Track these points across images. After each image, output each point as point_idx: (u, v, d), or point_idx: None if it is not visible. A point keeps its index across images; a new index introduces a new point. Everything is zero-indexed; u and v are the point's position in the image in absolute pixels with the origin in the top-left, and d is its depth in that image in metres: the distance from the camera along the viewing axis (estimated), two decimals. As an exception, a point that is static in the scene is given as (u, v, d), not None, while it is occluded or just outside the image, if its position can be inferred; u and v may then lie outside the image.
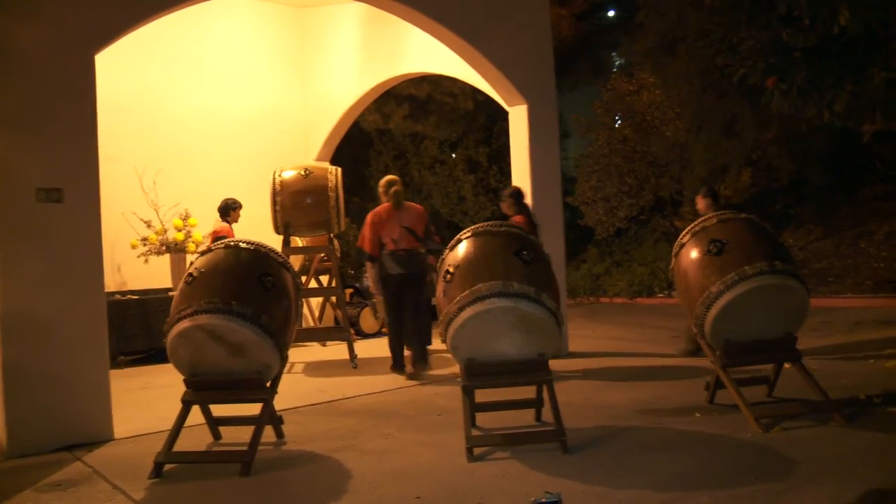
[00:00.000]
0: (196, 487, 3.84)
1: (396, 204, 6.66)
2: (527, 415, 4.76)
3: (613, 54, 18.97)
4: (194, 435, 4.58)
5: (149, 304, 7.90)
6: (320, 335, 8.74)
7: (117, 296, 7.89)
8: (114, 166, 7.30)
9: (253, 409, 4.38)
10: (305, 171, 7.40)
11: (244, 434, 4.28)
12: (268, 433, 4.46)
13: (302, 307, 7.01)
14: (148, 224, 8.33)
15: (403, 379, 6.48)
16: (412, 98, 13.36)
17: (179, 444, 4.12)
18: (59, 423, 4.61)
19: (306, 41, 10.06)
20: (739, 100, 11.09)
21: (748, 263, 4.43)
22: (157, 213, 8.44)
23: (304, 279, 8.68)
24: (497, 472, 3.82)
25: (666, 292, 12.33)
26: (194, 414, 4.36)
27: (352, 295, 9.91)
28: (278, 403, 4.63)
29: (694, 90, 12.16)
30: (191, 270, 4.30)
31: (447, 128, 14.88)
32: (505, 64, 7.18)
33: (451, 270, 4.27)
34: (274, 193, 7.27)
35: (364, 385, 6.27)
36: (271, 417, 4.47)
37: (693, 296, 4.66)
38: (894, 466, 3.60)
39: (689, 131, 12.80)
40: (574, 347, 7.66)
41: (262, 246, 4.47)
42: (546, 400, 4.32)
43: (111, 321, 5.07)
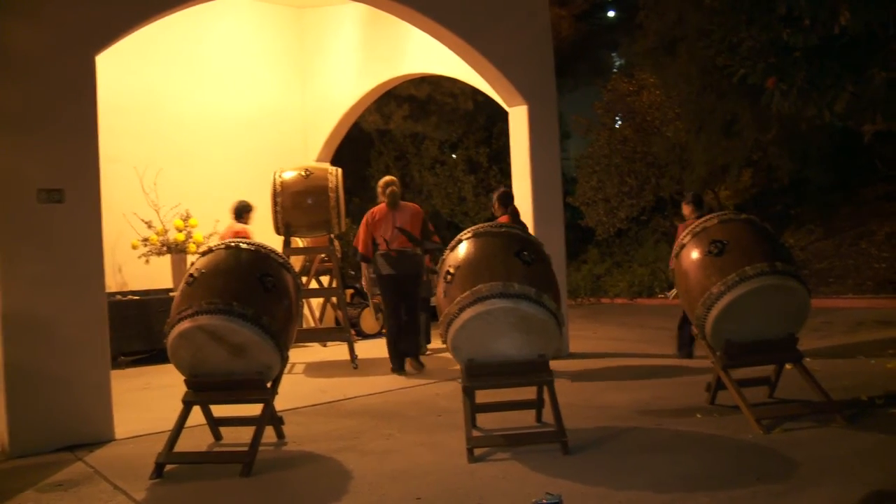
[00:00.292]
0: (197, 488, 3.84)
1: (392, 204, 6.66)
2: (527, 416, 4.76)
3: (613, 55, 19.00)
4: (195, 435, 4.58)
5: (149, 305, 7.90)
6: (321, 336, 8.74)
7: (118, 296, 7.89)
8: (114, 167, 7.29)
9: (254, 410, 4.38)
10: (306, 172, 7.41)
11: (245, 435, 4.28)
12: (268, 434, 4.46)
13: (302, 308, 7.01)
14: (149, 224, 8.34)
15: (404, 380, 6.48)
16: (412, 98, 13.37)
17: (180, 445, 4.12)
18: (61, 424, 4.61)
19: (306, 42, 10.06)
20: (740, 100, 11.08)
21: (749, 264, 4.42)
22: (158, 214, 8.45)
23: (305, 280, 8.67)
24: (498, 473, 3.82)
25: (664, 294, 12.31)
26: (195, 414, 4.35)
27: (352, 296, 9.90)
28: (279, 404, 4.63)
29: (694, 90, 12.15)
30: (191, 271, 4.30)
31: (447, 128, 14.88)
32: (505, 64, 7.18)
33: (452, 271, 4.27)
34: (274, 194, 7.26)
35: (365, 386, 6.28)
36: (272, 418, 4.47)
37: (694, 296, 4.66)
38: None
39: (690, 132, 12.79)
40: (575, 348, 7.65)
41: (263, 247, 4.47)
42: (547, 401, 4.33)
43: (112, 321, 5.07)
